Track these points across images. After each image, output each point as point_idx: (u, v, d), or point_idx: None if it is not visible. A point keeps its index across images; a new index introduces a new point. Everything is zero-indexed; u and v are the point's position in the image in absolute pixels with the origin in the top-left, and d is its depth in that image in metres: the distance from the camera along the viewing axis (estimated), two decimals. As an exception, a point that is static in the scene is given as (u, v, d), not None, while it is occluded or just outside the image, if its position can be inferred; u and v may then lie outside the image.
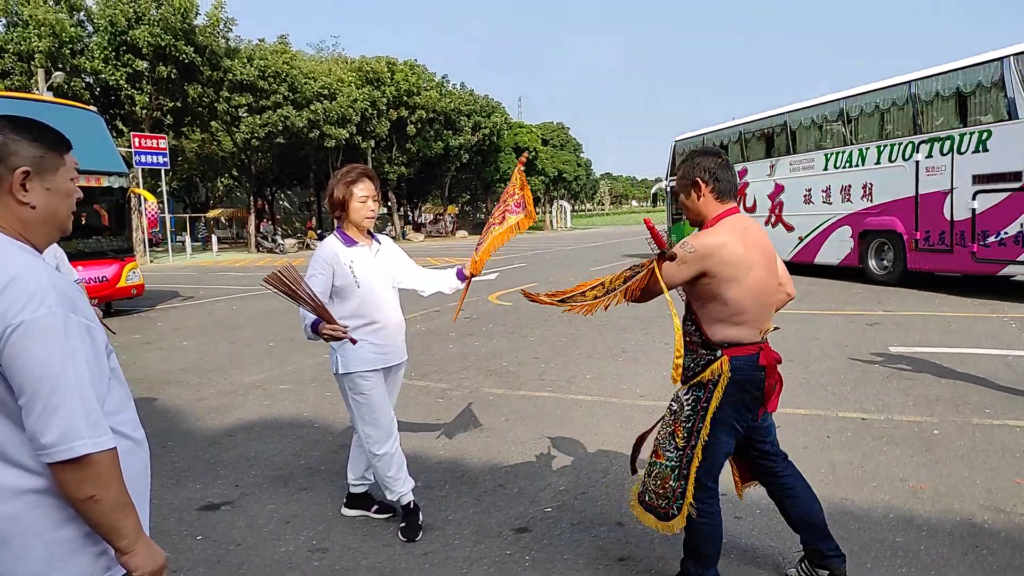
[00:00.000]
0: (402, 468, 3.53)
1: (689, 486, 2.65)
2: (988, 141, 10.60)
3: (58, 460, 1.32)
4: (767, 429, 2.85)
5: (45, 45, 24.63)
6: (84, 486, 1.34)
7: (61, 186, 1.52)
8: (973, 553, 3.14)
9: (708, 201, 2.69)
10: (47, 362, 1.32)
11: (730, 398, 2.61)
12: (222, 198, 52.85)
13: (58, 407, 1.32)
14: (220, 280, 19.29)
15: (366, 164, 39.09)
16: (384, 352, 3.45)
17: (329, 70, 36.40)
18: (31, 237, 1.49)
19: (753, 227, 2.70)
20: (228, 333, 9.97)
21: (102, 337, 1.48)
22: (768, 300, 2.67)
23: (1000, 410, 5.13)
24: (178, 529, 3.67)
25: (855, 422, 5.00)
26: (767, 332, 2.69)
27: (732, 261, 2.53)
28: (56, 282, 1.39)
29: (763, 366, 2.62)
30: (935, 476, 4.00)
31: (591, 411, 5.52)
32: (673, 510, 2.68)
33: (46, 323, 1.33)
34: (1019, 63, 10.19)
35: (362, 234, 3.49)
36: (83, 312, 1.42)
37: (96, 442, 1.34)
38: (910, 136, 12.02)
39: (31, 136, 1.47)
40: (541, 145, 58.49)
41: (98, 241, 12.13)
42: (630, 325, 9.38)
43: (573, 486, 4.07)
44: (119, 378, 1.54)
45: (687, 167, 2.74)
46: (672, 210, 19.95)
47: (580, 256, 24.59)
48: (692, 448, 2.65)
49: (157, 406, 6.10)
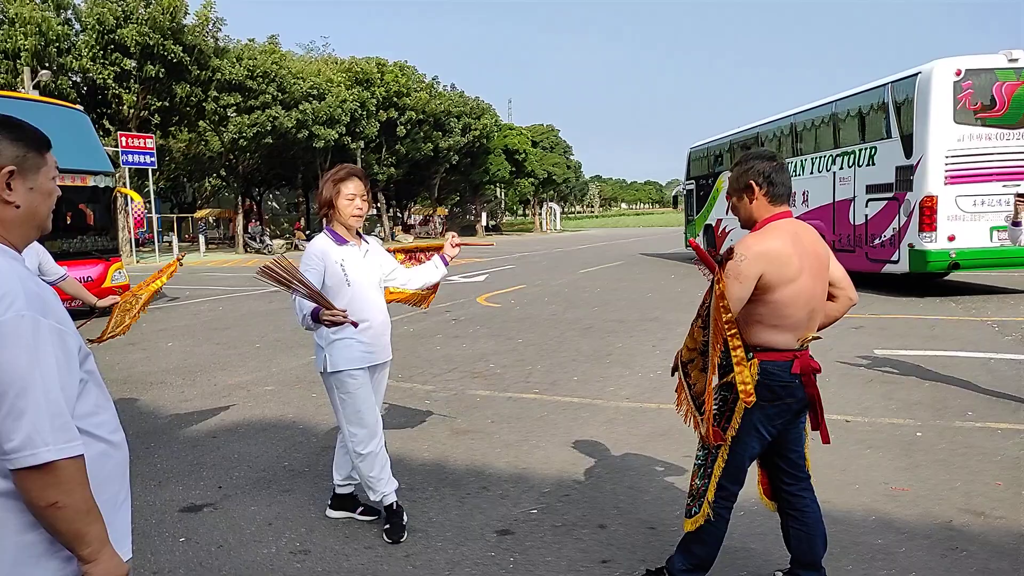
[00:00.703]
0: (385, 468, 3.53)
1: (711, 485, 2.64)
2: (875, 156, 12.30)
3: (21, 466, 1.30)
4: (799, 437, 2.77)
5: (31, 43, 24.43)
6: (47, 492, 1.32)
7: (43, 185, 1.51)
8: (951, 556, 3.17)
9: (761, 204, 2.63)
10: (13, 365, 1.30)
11: (759, 402, 2.54)
12: (209, 198, 52.56)
13: (24, 411, 1.30)
14: (207, 281, 19.18)
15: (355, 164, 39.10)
16: (371, 350, 3.46)
17: (318, 70, 36.30)
18: (11, 237, 1.47)
19: (804, 232, 2.62)
20: (213, 334, 9.92)
21: (75, 341, 1.46)
22: (813, 307, 2.59)
23: (981, 413, 5.18)
24: (159, 531, 3.64)
25: (838, 424, 5.03)
26: (807, 340, 2.63)
27: (781, 263, 2.48)
28: (27, 284, 1.37)
29: (797, 373, 2.57)
30: (915, 479, 4.04)
31: (576, 413, 5.53)
32: (695, 507, 2.68)
33: (13, 326, 1.31)
34: (895, 90, 11.74)
35: (351, 234, 3.49)
36: (55, 315, 1.40)
37: (61, 448, 1.32)
38: (831, 150, 13.75)
39: (13, 135, 1.46)
40: (531, 147, 58.57)
41: (83, 241, 12.01)
42: (616, 328, 9.41)
43: (556, 488, 4.08)
44: (96, 381, 1.52)
45: (740, 170, 2.66)
46: (688, 211, 22.31)
47: (569, 259, 24.63)
48: (717, 448, 2.63)
49: (140, 407, 6.06)
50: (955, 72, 10.72)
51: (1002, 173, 10.68)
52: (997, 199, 10.62)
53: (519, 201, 72.40)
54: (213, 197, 52.18)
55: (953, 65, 10.74)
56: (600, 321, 10.07)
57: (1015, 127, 10.69)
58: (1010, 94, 10.65)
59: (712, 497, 2.64)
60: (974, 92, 10.66)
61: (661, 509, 3.72)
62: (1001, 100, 10.68)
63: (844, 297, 2.77)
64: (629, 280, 16.10)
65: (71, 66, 26.48)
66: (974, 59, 10.81)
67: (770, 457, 2.78)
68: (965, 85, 10.68)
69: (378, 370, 3.61)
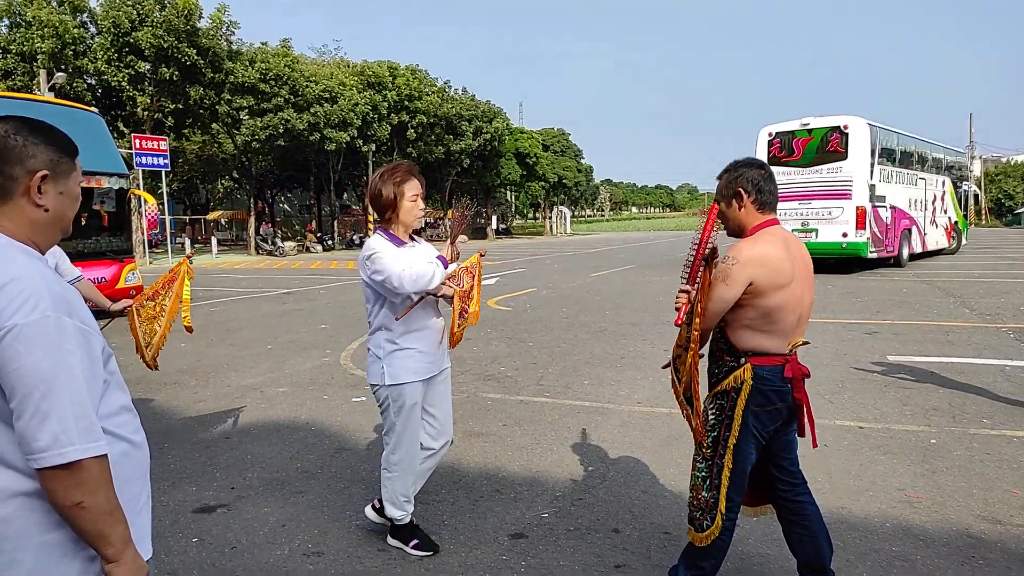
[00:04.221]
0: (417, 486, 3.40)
1: (721, 496, 2.62)
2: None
3: (47, 466, 1.31)
4: (789, 444, 2.78)
5: (48, 46, 24.66)
6: (72, 492, 1.33)
7: (72, 191, 1.54)
8: (969, 564, 3.13)
9: (749, 212, 2.66)
10: (39, 367, 1.31)
11: (752, 407, 2.57)
12: (222, 200, 52.89)
13: (49, 412, 1.31)
14: (219, 282, 19.29)
15: (366, 168, 39.22)
16: (431, 360, 3.32)
17: (331, 74, 36.44)
18: (36, 239, 1.49)
19: (793, 240, 2.67)
20: (226, 335, 9.96)
21: (99, 341, 1.47)
22: (801, 313, 2.64)
23: (998, 420, 5.13)
24: (173, 531, 3.65)
25: (852, 431, 5.00)
26: (796, 345, 2.66)
27: (775, 269, 2.51)
28: (53, 286, 1.38)
29: (788, 378, 2.59)
30: (932, 486, 4.00)
31: (589, 417, 5.52)
32: (707, 521, 2.65)
33: (40, 327, 1.32)
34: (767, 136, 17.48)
35: (407, 235, 3.33)
36: (79, 316, 1.41)
37: (87, 447, 1.33)
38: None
39: (46, 139, 1.48)
40: (542, 151, 58.56)
41: (97, 242, 12.10)
42: (629, 332, 9.38)
43: (570, 492, 4.06)
44: (118, 382, 1.54)
45: (730, 177, 2.71)
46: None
47: (580, 262, 24.59)
48: (721, 457, 2.62)
49: (154, 407, 6.09)
50: (768, 134, 17.46)
51: (798, 195, 16.78)
52: (794, 212, 16.73)
53: (530, 204, 72.40)
54: (226, 199, 52.50)
55: (768, 129, 17.56)
56: (613, 324, 10.05)
57: (807, 166, 16.83)
58: (803, 146, 16.95)
59: (724, 508, 2.63)
60: (780, 145, 17.26)
61: (676, 514, 3.70)
62: (798, 149, 17.00)
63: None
64: (641, 283, 16.06)
65: (87, 68, 26.72)
66: (782, 124, 17.41)
67: (763, 466, 2.78)
68: (775, 142, 17.34)
69: (437, 381, 3.42)
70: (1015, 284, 13.54)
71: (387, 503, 3.38)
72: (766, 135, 17.46)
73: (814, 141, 16.84)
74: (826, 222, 16.56)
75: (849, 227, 16.32)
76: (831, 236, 16.46)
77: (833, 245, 16.42)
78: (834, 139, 16.60)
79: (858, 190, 16.33)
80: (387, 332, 3.24)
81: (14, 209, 1.46)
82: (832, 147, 16.61)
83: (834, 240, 16.44)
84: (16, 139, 1.44)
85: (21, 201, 1.46)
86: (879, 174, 16.96)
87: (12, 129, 1.45)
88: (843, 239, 16.39)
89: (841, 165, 16.46)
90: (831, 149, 16.61)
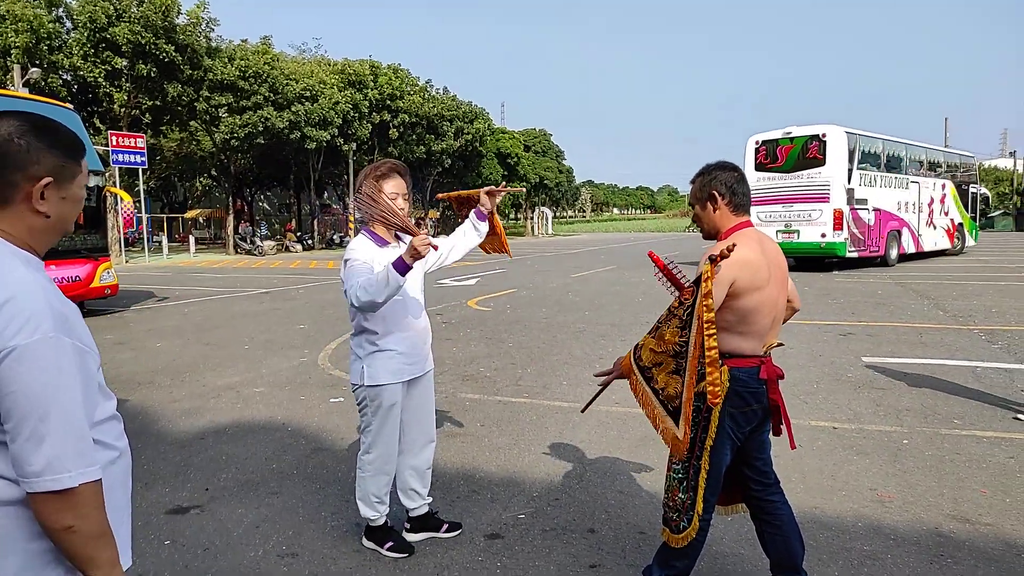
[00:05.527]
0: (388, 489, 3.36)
1: (699, 498, 2.63)
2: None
3: (41, 491, 1.28)
4: (763, 444, 2.80)
5: (22, 40, 24.26)
6: (63, 516, 1.30)
7: (75, 194, 1.47)
8: (939, 562, 3.18)
9: (724, 214, 2.69)
10: (38, 389, 1.28)
11: (729, 409, 2.58)
12: (200, 198, 52.37)
13: (45, 436, 1.27)
14: (197, 281, 19.10)
15: (347, 167, 39.03)
16: (411, 361, 3.28)
17: (311, 72, 36.19)
18: (35, 244, 1.44)
19: (767, 241, 2.70)
20: (202, 335, 9.86)
21: (95, 360, 1.44)
22: (775, 315, 2.66)
23: (968, 420, 5.21)
24: (145, 533, 3.61)
25: (826, 431, 5.05)
26: (771, 347, 2.69)
27: (753, 271, 2.53)
28: (54, 303, 1.34)
29: (764, 379, 2.61)
30: (903, 486, 4.05)
31: (567, 417, 5.53)
32: (684, 522, 2.66)
33: (40, 350, 1.29)
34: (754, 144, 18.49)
35: (391, 235, 3.26)
36: (77, 334, 1.38)
37: (81, 473, 1.30)
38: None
39: (52, 142, 1.41)
40: (523, 151, 58.60)
41: (72, 240, 11.93)
42: (608, 332, 9.41)
43: (546, 492, 4.07)
44: (105, 392, 1.50)
45: (703, 181, 2.73)
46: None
47: (561, 263, 24.64)
48: (698, 459, 2.62)
49: (128, 407, 6.01)
50: (756, 141, 18.50)
51: (781, 198, 17.99)
52: (778, 214, 18.02)
53: (511, 205, 72.41)
54: (204, 197, 52.00)
55: (755, 137, 18.56)
56: (592, 325, 10.08)
57: (789, 171, 17.90)
58: (785, 153, 17.99)
59: (701, 510, 2.64)
60: (766, 152, 18.35)
61: (651, 514, 3.72)
62: (781, 156, 18.08)
63: (790, 308, 2.87)
64: (621, 284, 16.12)
65: (62, 64, 26.32)
66: (767, 133, 18.39)
67: (737, 467, 2.80)
68: (761, 149, 18.45)
69: (420, 382, 3.40)
70: (987, 287, 13.76)
71: (360, 502, 3.38)
72: (753, 143, 18.59)
73: (795, 149, 17.90)
74: (806, 224, 17.73)
75: (827, 228, 17.46)
76: (811, 237, 17.67)
77: (813, 245, 17.63)
78: (813, 147, 17.64)
79: (835, 194, 17.35)
80: (369, 333, 3.23)
81: (14, 215, 1.40)
82: (811, 154, 17.65)
83: (813, 240, 17.65)
84: (20, 143, 1.37)
85: (21, 207, 1.40)
86: (859, 178, 17.93)
87: (16, 131, 1.38)
88: (822, 239, 17.56)
89: (820, 170, 17.51)
90: (810, 156, 17.66)
